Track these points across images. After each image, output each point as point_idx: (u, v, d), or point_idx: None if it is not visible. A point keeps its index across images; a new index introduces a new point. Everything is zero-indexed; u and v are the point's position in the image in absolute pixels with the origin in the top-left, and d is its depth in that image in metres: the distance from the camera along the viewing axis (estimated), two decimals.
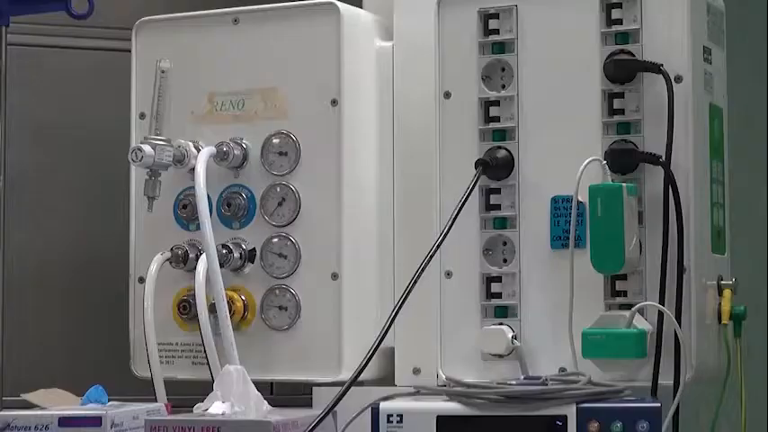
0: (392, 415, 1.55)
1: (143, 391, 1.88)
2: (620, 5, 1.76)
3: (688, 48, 1.74)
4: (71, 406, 1.72)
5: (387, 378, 1.91)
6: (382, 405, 1.56)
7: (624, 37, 1.76)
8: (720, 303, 1.78)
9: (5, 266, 2.16)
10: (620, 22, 1.76)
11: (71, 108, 2.38)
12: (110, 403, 1.73)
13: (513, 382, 1.60)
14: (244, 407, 1.72)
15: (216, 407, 1.71)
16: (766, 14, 2.56)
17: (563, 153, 1.77)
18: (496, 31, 1.83)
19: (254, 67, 1.97)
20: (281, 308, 1.94)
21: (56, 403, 1.71)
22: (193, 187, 1.90)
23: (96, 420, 1.63)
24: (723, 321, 1.78)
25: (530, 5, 1.82)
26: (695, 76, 1.75)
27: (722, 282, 1.80)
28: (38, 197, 2.34)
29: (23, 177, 2.27)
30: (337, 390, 1.68)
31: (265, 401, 1.76)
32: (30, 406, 1.70)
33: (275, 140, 1.95)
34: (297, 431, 1.62)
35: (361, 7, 2.01)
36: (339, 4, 1.94)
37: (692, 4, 1.74)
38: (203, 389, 1.77)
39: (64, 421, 1.64)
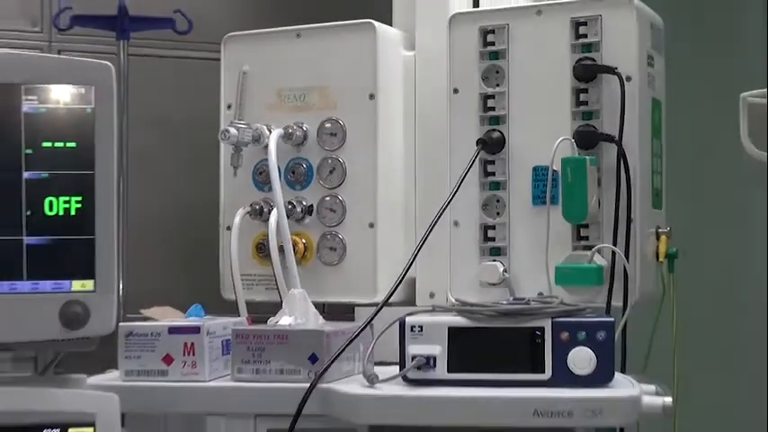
0: (414, 326, 1.55)
1: (230, 310, 1.88)
2: (585, 24, 1.76)
3: (636, 55, 1.74)
4: (177, 319, 1.72)
5: (410, 300, 1.91)
6: (407, 319, 1.56)
7: (588, 47, 1.76)
8: (658, 246, 1.78)
9: (129, 219, 2.17)
10: (585, 36, 1.76)
11: (176, 102, 2.39)
12: (206, 317, 1.73)
13: (504, 303, 1.60)
14: (304, 320, 1.73)
15: (284, 320, 1.72)
16: (691, 29, 2.55)
17: (542, 134, 1.77)
18: (492, 44, 1.82)
19: (312, 70, 1.97)
20: (331, 248, 1.94)
21: (166, 317, 1.71)
22: (267, 159, 1.90)
23: (196, 329, 1.64)
24: (660, 260, 1.78)
25: (517, 24, 1.81)
26: (641, 77, 1.75)
27: (659, 230, 1.80)
28: (154, 168, 2.35)
29: (144, 153, 2.28)
30: (373, 309, 1.69)
31: (320, 317, 1.77)
32: (146, 319, 1.70)
33: (327, 125, 1.95)
34: (343, 338, 1.63)
35: (391, 25, 2.00)
36: (375, 23, 1.93)
37: (638, 22, 1.74)
38: (274, 308, 1.78)
39: (172, 330, 1.65)
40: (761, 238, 2.72)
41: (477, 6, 1.97)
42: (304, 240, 1.95)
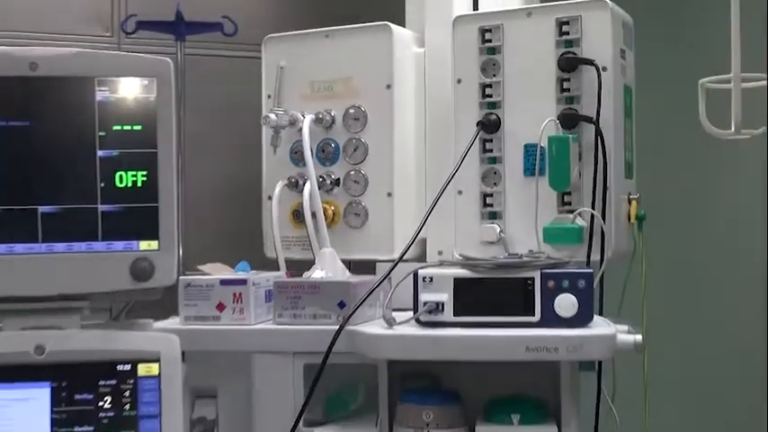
0: (426, 277, 1.56)
1: (271, 266, 1.89)
2: (567, 23, 1.75)
3: (610, 50, 1.73)
4: (228, 273, 1.72)
5: (421, 257, 1.91)
6: (420, 271, 1.56)
7: (570, 43, 1.75)
8: (629, 210, 1.78)
9: (186, 190, 2.18)
10: (567, 33, 1.75)
11: (224, 93, 2.39)
12: (251, 272, 1.74)
13: (501, 258, 1.60)
14: (334, 274, 1.74)
15: (316, 274, 1.73)
16: (656, 27, 2.54)
17: (531, 116, 1.76)
18: (490, 41, 1.81)
19: (338, 65, 1.96)
20: (355, 214, 1.94)
21: (218, 271, 1.72)
22: (301, 140, 1.90)
23: (243, 281, 1.65)
24: (631, 221, 1.78)
25: (510, 24, 1.80)
26: (615, 68, 1.73)
27: (630, 196, 1.79)
28: (206, 147, 2.36)
29: (198, 135, 2.29)
30: (391, 264, 1.69)
31: (347, 271, 1.77)
32: (202, 274, 1.70)
33: (351, 111, 1.95)
34: (366, 288, 1.63)
35: (404, 26, 1.99)
36: (391, 25, 1.92)
37: (612, 22, 1.73)
38: (308, 264, 1.79)
39: (223, 282, 1.66)
40: (714, 199, 2.72)
41: (477, 9, 1.95)
42: (333, 208, 1.95)
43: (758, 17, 1.81)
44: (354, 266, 1.82)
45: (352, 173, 1.95)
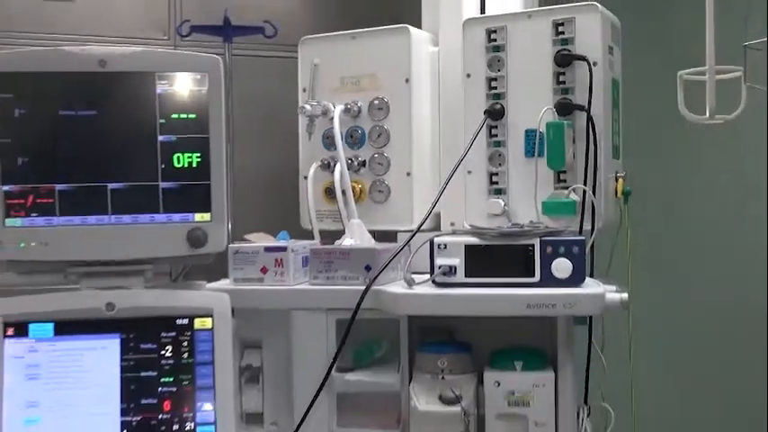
0: (440, 244, 1.56)
1: (307, 235, 1.89)
2: (563, 24, 1.73)
3: (600, 47, 1.71)
4: (270, 241, 1.73)
5: (436, 228, 1.90)
6: (435, 239, 1.56)
7: (565, 41, 1.73)
8: (616, 186, 1.76)
9: (234, 170, 2.18)
10: (563, 33, 1.73)
11: (266, 87, 2.39)
12: (290, 240, 1.75)
13: (505, 227, 1.60)
14: (361, 242, 1.74)
15: (346, 242, 1.73)
16: (648, 27, 2.52)
17: (531, 105, 1.74)
18: (495, 40, 1.79)
19: (364, 62, 1.95)
20: (379, 191, 1.93)
21: (262, 240, 1.72)
22: (333, 127, 1.89)
23: (284, 248, 1.66)
24: (618, 196, 1.76)
25: (513, 26, 1.78)
26: (604, 63, 1.71)
27: (617, 174, 1.78)
28: (252, 134, 2.36)
29: (244, 123, 2.29)
30: (410, 233, 1.69)
31: (372, 239, 1.77)
32: (248, 242, 1.71)
33: (375, 102, 1.93)
34: (389, 254, 1.64)
35: (420, 28, 1.98)
36: (410, 27, 1.91)
37: (602, 23, 1.71)
38: (339, 234, 1.79)
39: (267, 249, 1.66)
40: (690, 176, 2.71)
41: (484, 13, 1.94)
42: (360, 186, 1.94)
43: (728, 17, 1.78)
44: (378, 236, 1.81)
45: (377, 155, 1.94)
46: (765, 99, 1.80)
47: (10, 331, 1.46)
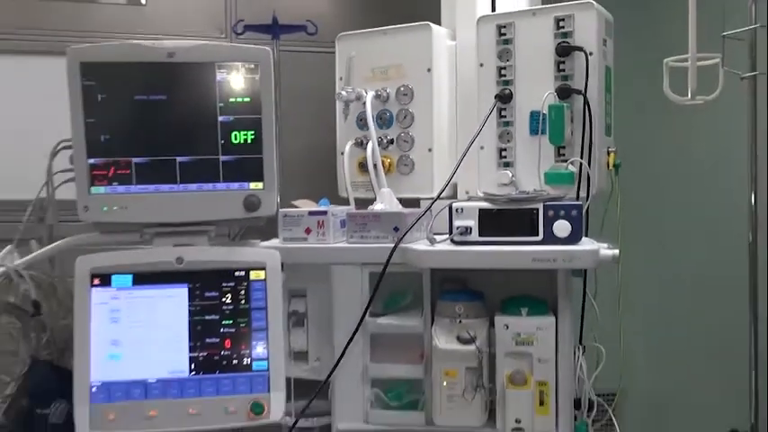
0: (458, 208, 1.55)
1: (344, 202, 1.88)
2: (563, 20, 1.70)
3: (595, 39, 1.68)
4: (313, 207, 1.73)
5: (453, 195, 1.88)
6: (453, 204, 1.55)
7: (565, 35, 1.70)
8: (608, 159, 1.74)
9: (283, 146, 2.16)
10: (563, 27, 1.70)
11: (308, 77, 2.36)
12: (330, 206, 1.74)
13: (513, 194, 1.59)
14: (390, 207, 1.73)
15: (378, 207, 1.72)
16: (637, 22, 2.47)
17: (535, 90, 1.72)
18: (505, 34, 1.76)
19: (392, 55, 1.92)
20: (405, 165, 1.91)
21: (306, 206, 1.72)
22: (365, 111, 1.88)
23: (325, 212, 1.65)
24: (609, 168, 1.73)
25: (520, 21, 1.75)
26: (599, 53, 1.68)
27: (609, 149, 1.75)
28: (301, 116, 2.34)
29: (290, 111, 2.26)
30: (431, 200, 1.68)
31: (400, 205, 1.76)
32: (295, 207, 1.71)
33: (401, 88, 1.91)
34: (414, 217, 1.62)
35: (440, 24, 1.95)
36: (431, 24, 1.88)
37: (597, 18, 1.68)
38: (371, 201, 1.78)
39: (311, 213, 1.66)
40: (672, 150, 2.67)
41: (495, 11, 1.91)
42: (389, 160, 1.92)
43: (708, 11, 1.75)
44: (404, 202, 1.80)
45: (403, 134, 1.92)
46: (740, 82, 1.76)
47: (96, 281, 1.47)
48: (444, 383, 1.57)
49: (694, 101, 1.67)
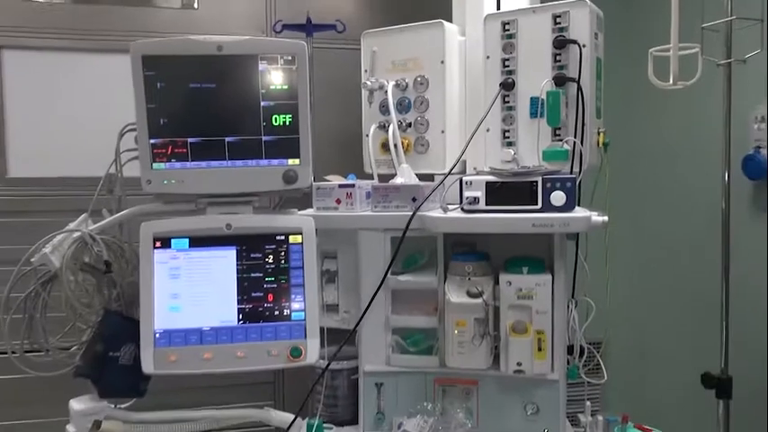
0: (468, 181, 1.52)
1: (368, 177, 1.86)
2: (560, 16, 1.65)
3: (588, 33, 1.63)
4: (342, 180, 1.71)
5: (463, 171, 1.84)
6: (463, 178, 1.53)
7: (561, 29, 1.65)
8: (598, 139, 1.70)
9: (316, 128, 2.14)
10: (560, 23, 1.65)
11: (337, 70, 2.33)
12: (357, 180, 1.72)
13: (516, 169, 1.56)
14: (409, 181, 1.71)
15: (398, 180, 1.70)
16: (624, 17, 2.41)
17: (535, 79, 1.67)
18: (508, 30, 1.72)
19: (410, 49, 1.88)
20: (421, 144, 1.87)
21: (336, 180, 1.70)
22: (387, 98, 1.84)
23: (353, 185, 1.64)
24: (599, 146, 1.69)
25: (522, 19, 1.70)
26: (590, 46, 1.63)
27: (599, 129, 1.71)
28: (327, 106, 2.32)
29: (322, 100, 2.24)
30: (444, 175, 1.66)
31: (417, 179, 1.74)
32: (327, 181, 1.69)
33: (418, 78, 1.87)
34: (429, 189, 1.60)
35: (451, 22, 1.91)
36: (444, 22, 1.84)
37: (589, 14, 1.63)
38: (392, 176, 1.76)
39: (340, 185, 1.64)
40: (655, 131, 2.62)
41: (500, 9, 1.86)
42: (407, 141, 1.89)
43: (689, 5, 1.69)
44: (421, 177, 1.78)
45: (419, 118, 1.89)
46: (716, 69, 1.70)
47: (158, 244, 1.47)
48: (455, 332, 1.56)
49: (675, 86, 1.62)
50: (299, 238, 1.50)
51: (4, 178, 2.08)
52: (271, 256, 1.49)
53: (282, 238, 1.49)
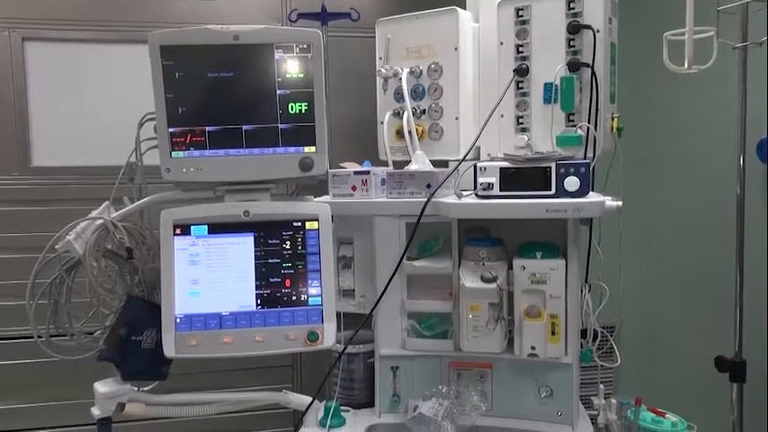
0: (482, 168, 1.51)
1: (383, 164, 1.85)
2: (573, 1, 1.63)
3: (602, 18, 1.61)
4: (358, 167, 1.70)
5: (477, 157, 1.83)
6: (478, 164, 1.52)
7: (575, 15, 1.63)
8: (612, 124, 1.68)
9: (330, 117, 2.14)
10: (573, 8, 1.63)
11: (351, 58, 2.29)
12: (372, 166, 1.72)
13: (529, 154, 1.55)
14: (423, 167, 1.70)
15: (413, 167, 1.70)
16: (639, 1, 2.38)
17: (548, 64, 1.66)
18: (522, 16, 1.70)
19: (424, 36, 1.87)
20: (435, 131, 1.87)
21: (352, 166, 1.70)
22: (401, 85, 1.84)
23: (368, 172, 1.63)
24: (613, 131, 1.68)
25: (536, 4, 1.68)
26: (605, 30, 1.62)
27: (613, 114, 1.69)
28: (344, 92, 2.29)
29: (336, 87, 2.22)
30: (458, 161, 1.65)
31: (432, 165, 1.73)
32: (342, 168, 1.68)
33: (432, 65, 1.86)
34: (444, 175, 1.60)
35: (465, 9, 1.89)
36: (458, 9, 1.82)
37: (604, 1, 1.61)
38: (406, 163, 1.75)
39: (356, 172, 1.65)
40: (669, 116, 2.59)
41: None
42: (421, 127, 1.89)
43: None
44: (435, 163, 1.77)
45: (433, 105, 1.88)
46: (731, 52, 1.67)
47: (178, 231, 1.48)
48: (470, 316, 1.56)
49: (690, 70, 1.59)
50: (315, 225, 1.50)
51: (28, 167, 2.10)
52: (288, 243, 1.49)
53: (299, 224, 1.50)
